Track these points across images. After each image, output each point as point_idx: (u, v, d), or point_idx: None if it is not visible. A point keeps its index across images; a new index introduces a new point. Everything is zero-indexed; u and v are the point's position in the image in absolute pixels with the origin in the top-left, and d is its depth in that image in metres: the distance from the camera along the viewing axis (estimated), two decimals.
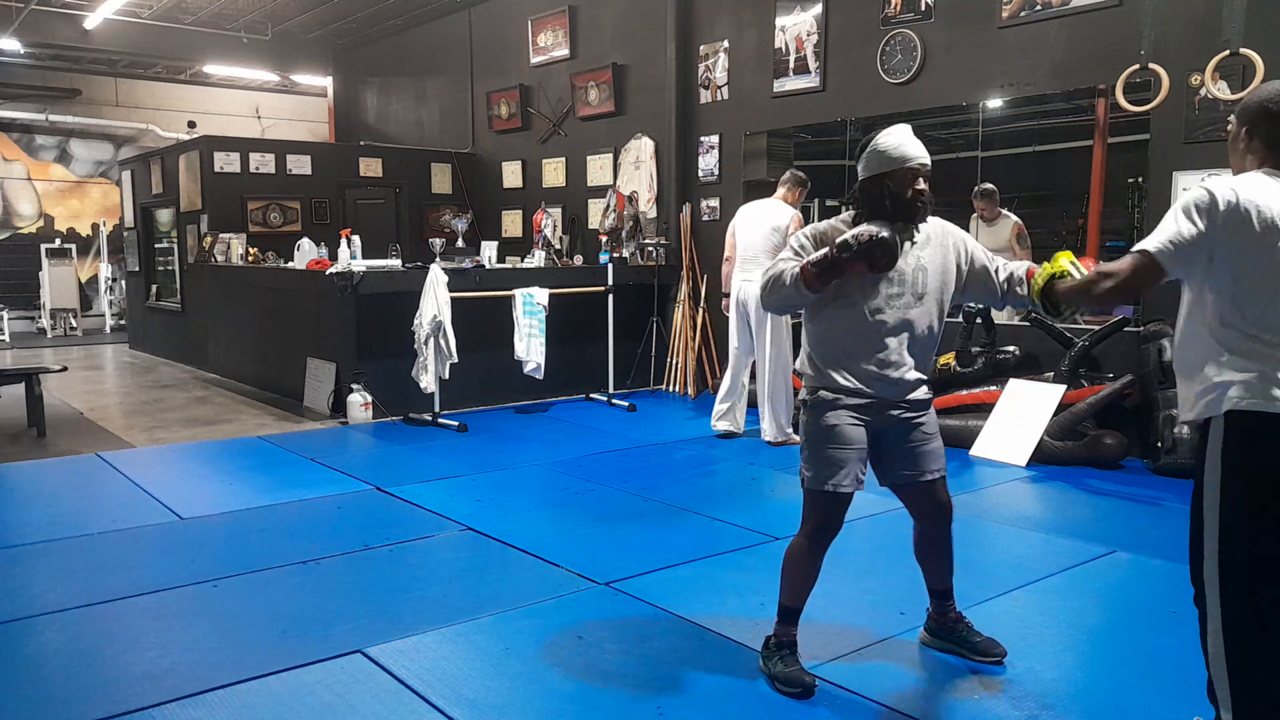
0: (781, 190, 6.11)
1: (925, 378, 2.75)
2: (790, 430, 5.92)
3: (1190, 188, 2.42)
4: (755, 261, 5.93)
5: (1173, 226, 2.06)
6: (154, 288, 11.25)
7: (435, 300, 6.34)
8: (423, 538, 4.15)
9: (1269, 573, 2.06)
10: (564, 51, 9.36)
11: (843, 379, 2.68)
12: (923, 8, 6.42)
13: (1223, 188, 2.05)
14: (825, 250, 2.57)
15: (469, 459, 5.65)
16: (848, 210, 2.77)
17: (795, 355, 5.88)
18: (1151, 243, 2.07)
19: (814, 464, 2.71)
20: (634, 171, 8.67)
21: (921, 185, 2.62)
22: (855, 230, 2.55)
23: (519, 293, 6.90)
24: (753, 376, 6.30)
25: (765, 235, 5.96)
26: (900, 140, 2.64)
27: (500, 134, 10.45)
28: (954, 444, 5.48)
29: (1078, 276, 2.40)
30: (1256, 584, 2.05)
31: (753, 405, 6.46)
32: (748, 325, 6.07)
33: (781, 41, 7.35)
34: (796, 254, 2.69)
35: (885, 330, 2.64)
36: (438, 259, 6.90)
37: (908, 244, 2.65)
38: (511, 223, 10.39)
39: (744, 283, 6.05)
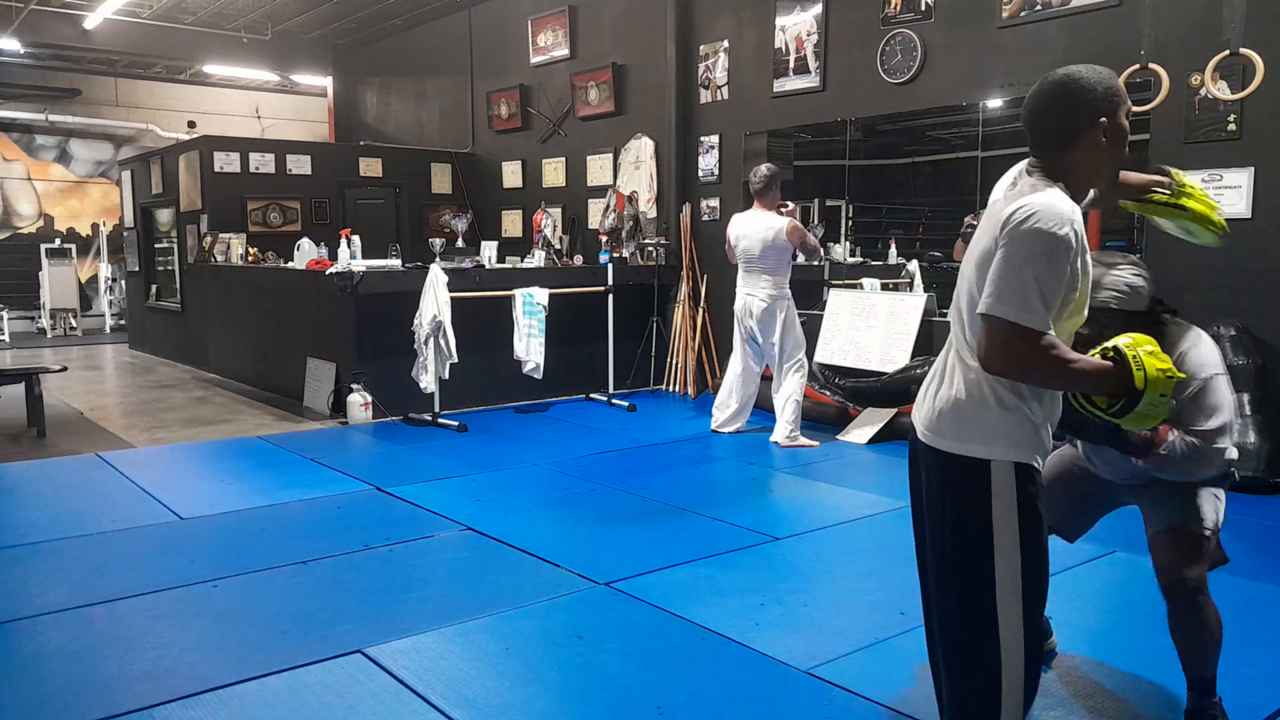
0: (762, 202, 5.87)
1: None
2: (798, 434, 5.91)
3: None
4: (754, 274, 5.89)
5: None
6: (154, 288, 11.25)
7: (435, 300, 6.34)
8: (423, 538, 4.15)
9: None
10: (564, 51, 9.36)
11: None
12: (923, 8, 6.42)
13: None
14: None
15: (469, 459, 5.65)
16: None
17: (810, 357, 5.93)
18: None
19: None
20: (634, 171, 8.66)
21: None
22: None
23: (519, 293, 6.90)
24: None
25: (762, 243, 5.81)
26: None
27: (500, 134, 10.44)
28: None
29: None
30: None
31: (755, 406, 6.47)
32: (753, 339, 6.00)
33: (781, 41, 7.35)
34: None
35: None
36: (438, 259, 6.90)
37: None
38: (511, 223, 10.39)
39: (746, 295, 5.96)
